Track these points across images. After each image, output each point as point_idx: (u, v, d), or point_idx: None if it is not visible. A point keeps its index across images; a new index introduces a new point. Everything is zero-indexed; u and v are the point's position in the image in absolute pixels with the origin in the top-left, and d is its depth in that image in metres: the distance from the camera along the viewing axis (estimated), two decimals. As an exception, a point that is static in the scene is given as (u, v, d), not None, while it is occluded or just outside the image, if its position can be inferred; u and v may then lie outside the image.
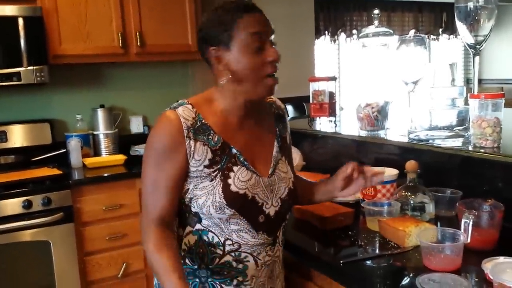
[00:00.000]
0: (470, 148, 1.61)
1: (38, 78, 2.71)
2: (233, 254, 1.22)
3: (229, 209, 1.18)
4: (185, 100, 1.23)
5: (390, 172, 1.72)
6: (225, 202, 1.17)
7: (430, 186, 1.60)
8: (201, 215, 1.21)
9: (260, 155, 1.27)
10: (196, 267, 1.25)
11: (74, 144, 2.93)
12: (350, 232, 1.51)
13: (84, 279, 2.65)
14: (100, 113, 3.17)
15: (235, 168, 1.20)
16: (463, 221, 1.27)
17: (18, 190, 2.47)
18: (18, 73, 2.66)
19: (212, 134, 1.20)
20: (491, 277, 1.04)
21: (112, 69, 3.33)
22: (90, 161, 2.95)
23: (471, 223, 1.25)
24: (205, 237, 1.22)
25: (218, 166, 1.19)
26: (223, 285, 1.25)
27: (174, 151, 1.17)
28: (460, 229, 1.27)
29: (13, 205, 2.44)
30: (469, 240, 1.25)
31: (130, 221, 2.74)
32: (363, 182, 1.38)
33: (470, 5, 1.71)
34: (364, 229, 1.54)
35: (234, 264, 1.23)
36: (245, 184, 1.20)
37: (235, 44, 1.16)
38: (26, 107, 3.08)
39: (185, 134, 1.16)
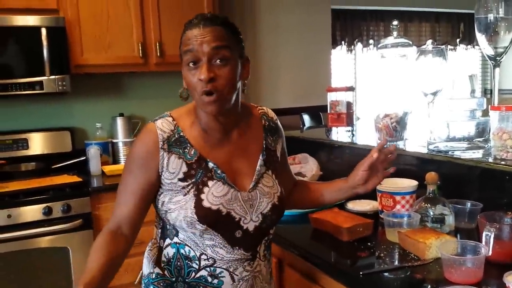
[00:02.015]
0: (491, 160, 1.60)
1: (60, 87, 2.76)
2: (208, 269, 1.22)
3: (200, 224, 1.17)
4: (168, 113, 1.25)
5: (410, 183, 1.72)
6: (196, 217, 1.16)
7: (450, 198, 1.59)
8: (178, 229, 1.22)
9: (242, 169, 1.25)
10: (174, 279, 1.25)
11: (93, 152, 2.98)
12: (369, 243, 1.51)
13: (102, 285, 2.67)
14: (120, 122, 3.21)
15: (210, 183, 1.19)
16: (484, 233, 1.27)
17: (38, 197, 2.51)
18: (41, 82, 2.72)
19: (188, 147, 1.20)
20: (514, 291, 1.03)
21: (132, 79, 3.38)
22: (109, 168, 2.99)
23: (492, 235, 1.25)
24: (182, 250, 1.23)
25: (192, 180, 1.19)
26: None
27: (147, 161, 1.19)
28: (480, 242, 1.27)
29: (34, 211, 2.48)
30: (490, 253, 1.24)
31: (147, 228, 2.68)
32: (383, 169, 1.38)
33: (490, 16, 1.70)
34: (384, 240, 1.53)
35: (209, 279, 1.22)
36: (220, 199, 1.18)
37: (182, 61, 1.18)
38: (48, 115, 3.14)
39: (160, 146, 1.18)
